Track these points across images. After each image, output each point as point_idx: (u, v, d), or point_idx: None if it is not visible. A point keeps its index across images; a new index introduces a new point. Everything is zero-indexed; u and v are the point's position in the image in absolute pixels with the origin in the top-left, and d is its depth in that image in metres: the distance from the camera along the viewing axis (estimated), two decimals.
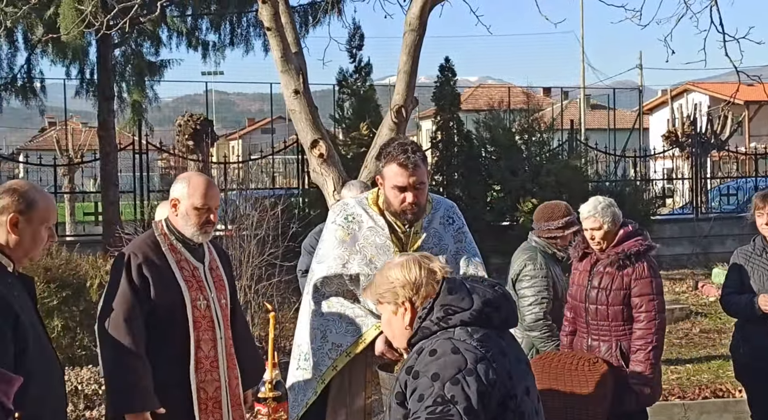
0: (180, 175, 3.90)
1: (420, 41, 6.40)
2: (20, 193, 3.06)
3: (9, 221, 3.02)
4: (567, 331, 4.98)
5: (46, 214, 3.10)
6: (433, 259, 2.61)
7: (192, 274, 3.71)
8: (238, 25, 15.63)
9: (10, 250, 3.04)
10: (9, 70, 15.50)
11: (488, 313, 2.46)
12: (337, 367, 3.39)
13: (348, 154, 12.67)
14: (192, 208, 3.65)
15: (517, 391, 2.38)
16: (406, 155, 3.46)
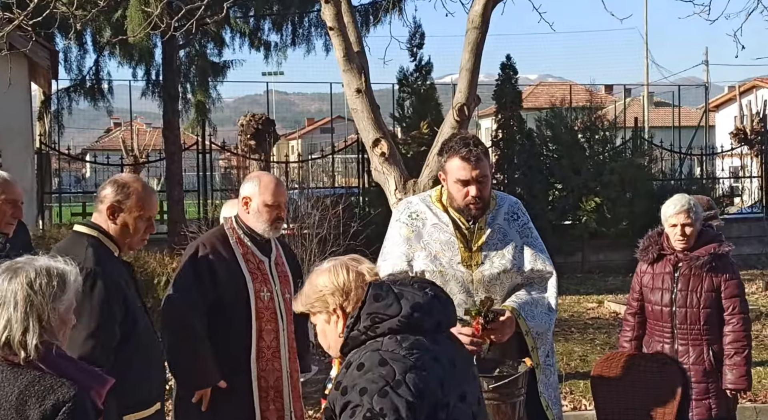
0: (250, 175, 4.08)
1: (483, 39, 6.36)
2: (120, 185, 3.28)
3: (107, 210, 3.23)
4: (631, 337, 4.81)
5: (144, 206, 3.28)
6: (361, 262, 2.52)
7: (257, 267, 3.87)
8: (300, 25, 15.76)
9: (113, 236, 3.25)
10: (78, 72, 15.93)
11: (418, 318, 2.33)
12: None
13: (408, 153, 12.67)
14: (263, 205, 3.86)
15: (449, 399, 2.27)
16: (469, 149, 3.46)
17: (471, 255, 3.52)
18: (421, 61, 13.96)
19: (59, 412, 2.24)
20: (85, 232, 3.27)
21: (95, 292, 3.08)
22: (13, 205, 3.70)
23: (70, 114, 17.18)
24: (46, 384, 2.27)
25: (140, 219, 3.28)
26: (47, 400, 2.25)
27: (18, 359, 2.29)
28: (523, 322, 3.45)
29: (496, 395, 3.07)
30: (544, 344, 3.56)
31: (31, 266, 2.36)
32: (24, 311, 2.29)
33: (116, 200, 3.25)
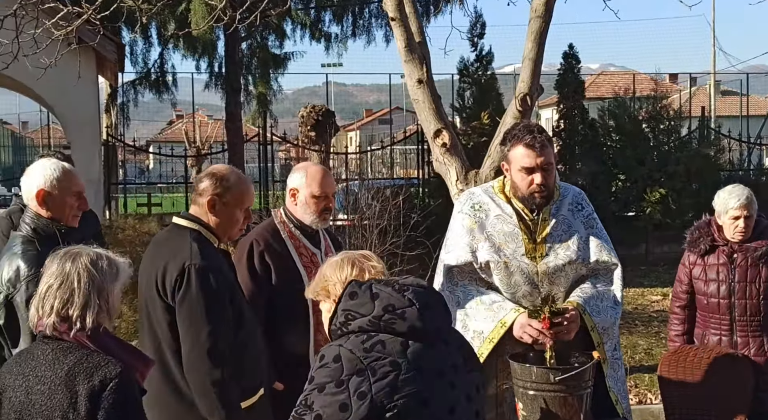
0: (296, 166, 4.10)
1: (546, 28, 6.28)
2: (218, 177, 3.33)
3: (207, 203, 3.29)
4: (682, 330, 4.70)
5: (242, 197, 3.35)
6: (370, 259, 2.57)
7: (310, 260, 3.86)
8: (360, 17, 15.82)
9: (213, 229, 3.31)
10: (144, 65, 16.24)
11: (388, 320, 2.35)
12: (482, 355, 3.35)
13: (468, 143, 12.60)
14: (311, 197, 3.85)
15: (403, 403, 2.27)
16: (533, 136, 3.41)
17: (535, 246, 3.47)
18: (481, 50, 13.85)
19: (106, 388, 2.35)
20: (186, 225, 3.32)
21: (209, 287, 3.14)
22: (78, 197, 3.75)
23: (136, 106, 17.56)
24: (93, 361, 2.40)
25: (239, 210, 3.35)
26: (95, 376, 2.37)
27: (69, 337, 2.43)
28: (588, 317, 3.40)
29: (562, 387, 3.04)
30: (611, 339, 3.50)
31: (89, 251, 2.52)
32: (87, 288, 2.44)
33: (215, 193, 3.30)
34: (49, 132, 34.53)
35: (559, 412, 3.04)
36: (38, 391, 2.39)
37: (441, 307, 2.49)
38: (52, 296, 2.45)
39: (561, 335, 3.24)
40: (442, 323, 2.48)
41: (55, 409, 2.36)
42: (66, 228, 3.59)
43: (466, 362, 2.50)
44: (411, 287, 2.43)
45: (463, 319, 3.45)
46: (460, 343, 2.57)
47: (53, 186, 3.58)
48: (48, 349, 2.44)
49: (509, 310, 3.37)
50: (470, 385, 2.49)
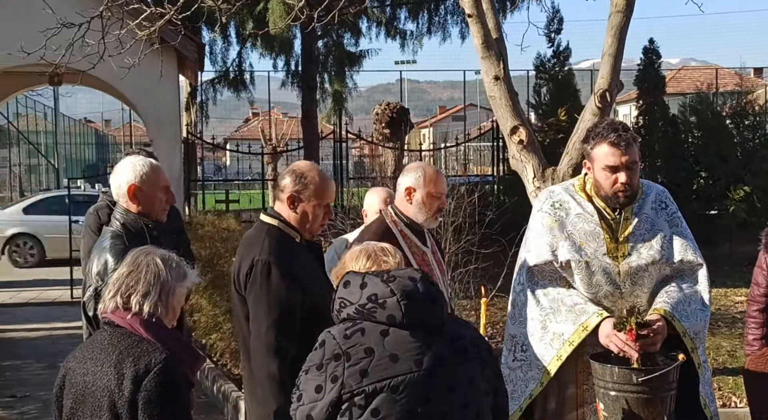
0: (410, 166, 4.08)
1: (627, 23, 6.17)
2: (298, 175, 3.41)
3: (288, 199, 3.37)
4: (759, 335, 4.47)
5: (321, 194, 3.41)
6: (387, 254, 2.66)
7: (422, 259, 3.88)
8: (436, 13, 15.77)
9: (293, 224, 3.40)
10: (222, 64, 16.53)
11: (370, 308, 2.48)
12: (561, 358, 3.32)
13: (545, 140, 12.46)
14: (428, 196, 3.88)
15: (372, 388, 2.41)
16: (618, 134, 3.34)
17: (617, 246, 3.41)
18: (558, 46, 13.70)
19: (149, 373, 2.48)
20: (267, 221, 3.41)
21: (271, 282, 3.21)
22: (165, 191, 3.83)
23: (215, 104, 17.89)
24: (143, 347, 2.54)
25: (318, 207, 3.40)
26: (141, 361, 2.51)
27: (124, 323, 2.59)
28: (678, 324, 3.30)
29: (645, 388, 2.98)
30: (702, 343, 3.40)
31: (164, 252, 2.71)
32: (152, 279, 2.61)
33: (295, 190, 3.37)
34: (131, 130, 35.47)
35: (642, 413, 2.99)
36: (92, 373, 2.56)
37: (428, 299, 2.52)
38: (120, 281, 2.64)
39: (647, 347, 3.15)
40: (429, 314, 2.52)
41: (104, 389, 2.51)
42: (153, 223, 3.69)
43: (457, 355, 2.54)
44: (398, 278, 2.52)
45: (543, 320, 3.40)
46: (457, 335, 2.58)
47: (143, 181, 3.68)
48: (106, 334, 2.62)
49: (592, 313, 3.30)
50: (456, 377, 2.52)
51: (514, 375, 3.50)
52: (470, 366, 2.57)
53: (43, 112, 32.44)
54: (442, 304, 2.58)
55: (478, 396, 2.57)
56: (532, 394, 3.42)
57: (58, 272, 13.62)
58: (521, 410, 3.45)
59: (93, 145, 43.00)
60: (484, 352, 2.63)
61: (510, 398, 3.45)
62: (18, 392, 7.50)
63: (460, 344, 2.57)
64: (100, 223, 5.35)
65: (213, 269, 8.29)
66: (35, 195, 19.35)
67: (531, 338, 3.45)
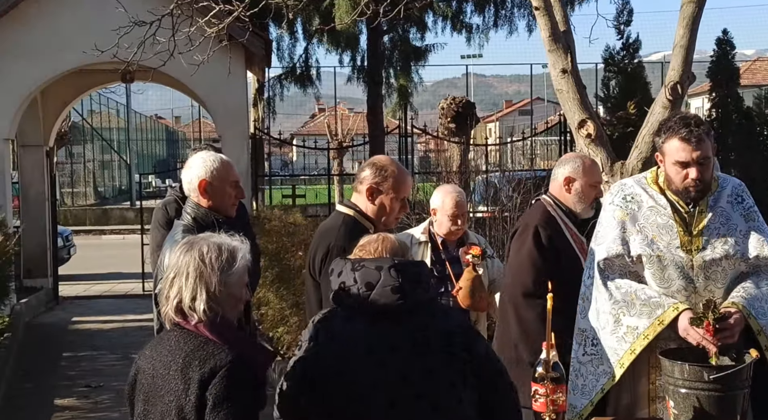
0: (566, 156, 4.26)
1: (699, 13, 6.04)
2: (379, 168, 3.51)
3: (366, 191, 3.48)
4: None
5: (399, 187, 3.50)
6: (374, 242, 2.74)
7: (582, 247, 3.96)
8: (503, 6, 15.65)
9: (369, 216, 3.50)
10: (289, 60, 16.68)
11: (340, 295, 2.62)
12: (635, 351, 3.27)
13: (614, 134, 12.26)
14: (588, 186, 4.02)
15: (320, 371, 2.57)
16: (689, 129, 3.28)
17: (691, 239, 3.33)
18: (628, 38, 13.42)
19: (215, 376, 2.43)
20: (344, 211, 3.54)
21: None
22: (235, 186, 3.90)
23: (282, 100, 18.07)
24: (208, 349, 2.49)
25: (395, 200, 3.49)
26: (207, 363, 2.46)
27: (189, 325, 2.54)
28: (754, 321, 3.22)
29: (717, 386, 2.91)
30: None
31: (206, 242, 2.61)
32: (194, 280, 2.55)
33: (375, 182, 3.48)
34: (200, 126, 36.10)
35: (713, 412, 2.92)
36: (161, 375, 2.52)
37: (390, 289, 2.55)
38: (169, 287, 2.59)
39: (726, 339, 3.10)
40: (389, 303, 2.55)
41: (171, 392, 2.47)
42: (224, 217, 3.76)
43: (416, 345, 2.55)
44: (365, 267, 2.59)
45: (616, 313, 3.35)
46: (421, 326, 2.59)
47: (213, 176, 3.76)
48: (173, 336, 2.58)
49: (667, 307, 3.24)
50: (410, 367, 2.53)
51: (585, 369, 3.46)
52: (432, 358, 2.57)
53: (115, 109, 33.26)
54: (405, 294, 2.57)
55: (437, 388, 2.56)
56: (603, 388, 3.38)
57: (130, 266, 13.96)
58: (592, 405, 3.41)
59: (163, 141, 43.88)
60: (458, 346, 2.60)
61: (581, 393, 3.44)
62: (92, 382, 7.72)
63: (423, 335, 2.58)
64: (169, 218, 5.46)
65: (279, 263, 8.38)
66: None
67: (602, 332, 3.40)
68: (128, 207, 26.58)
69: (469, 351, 2.63)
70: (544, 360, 3.04)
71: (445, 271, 4.51)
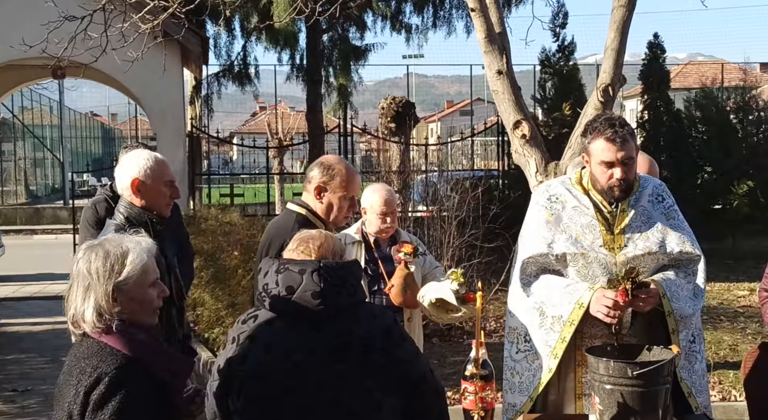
0: None
1: (629, 17, 6.16)
2: (326, 166, 3.55)
3: (314, 190, 3.52)
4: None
5: (347, 187, 3.53)
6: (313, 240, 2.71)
7: None
8: (441, 7, 15.74)
9: (318, 214, 3.53)
10: (227, 58, 16.51)
11: (262, 297, 2.61)
12: (565, 339, 3.35)
13: (549, 135, 12.46)
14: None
15: (242, 373, 2.55)
16: (614, 130, 3.35)
17: (613, 238, 3.42)
18: (563, 41, 13.67)
19: (99, 382, 2.36)
20: (295, 209, 3.58)
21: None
22: (170, 186, 3.83)
23: (219, 98, 17.88)
24: (101, 356, 2.42)
25: (343, 199, 3.54)
26: (96, 370, 2.39)
27: (93, 333, 2.47)
28: (667, 302, 3.34)
29: (640, 382, 2.98)
30: (687, 328, 3.42)
31: (94, 250, 2.53)
32: (83, 291, 2.49)
33: (322, 181, 3.52)
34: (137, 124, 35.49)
35: (637, 407, 2.98)
36: (61, 382, 2.48)
37: (311, 293, 2.54)
38: (66, 300, 2.53)
39: (636, 306, 3.21)
40: (309, 307, 2.54)
41: (65, 399, 2.41)
42: (157, 217, 3.70)
43: (335, 351, 2.53)
44: (289, 270, 2.58)
45: (540, 308, 3.42)
46: (343, 331, 2.56)
47: (147, 175, 3.68)
48: (79, 343, 2.52)
49: (585, 289, 3.33)
50: (328, 372, 2.52)
51: (520, 366, 3.51)
52: (349, 364, 2.53)
53: (48, 105, 32.49)
54: (326, 299, 2.54)
55: (355, 395, 2.53)
56: (541, 382, 3.43)
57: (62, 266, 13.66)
58: (532, 400, 3.46)
59: (99, 139, 43.05)
60: (377, 351, 2.56)
61: (518, 390, 3.48)
62: (20, 386, 7.53)
63: (343, 340, 2.55)
64: (98, 217, 5.36)
65: (215, 263, 8.30)
66: None
67: (531, 327, 3.47)
68: (61, 206, 25.98)
69: (390, 356, 2.57)
70: (473, 358, 3.07)
71: (378, 270, 4.51)
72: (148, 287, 2.57)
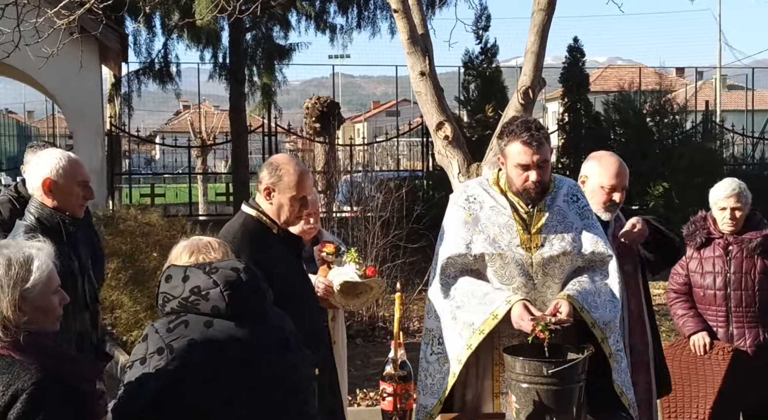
0: (591, 155, 4.17)
1: (549, 21, 6.27)
2: (274, 167, 3.51)
3: (264, 191, 3.51)
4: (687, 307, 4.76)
5: (296, 187, 3.48)
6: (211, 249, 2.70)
7: None
8: (365, 8, 15.75)
9: (269, 216, 3.50)
10: (147, 55, 16.18)
11: (194, 301, 2.52)
12: (471, 346, 3.36)
13: (473, 136, 12.59)
14: (599, 187, 3.97)
15: (190, 378, 2.44)
16: (530, 133, 3.40)
17: (530, 237, 3.46)
18: (486, 43, 13.83)
19: (17, 400, 2.22)
20: (247, 211, 3.55)
21: None
22: (83, 186, 3.74)
23: (140, 96, 17.50)
24: (13, 372, 2.27)
25: (294, 199, 3.48)
26: (10, 388, 2.24)
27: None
28: (587, 315, 3.37)
29: (555, 380, 3.03)
30: (613, 332, 3.47)
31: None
32: None
33: (270, 182, 3.48)
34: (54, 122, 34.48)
35: (552, 405, 3.04)
36: None
37: (251, 289, 2.57)
38: None
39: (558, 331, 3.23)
40: (252, 305, 2.57)
41: None
42: (70, 218, 3.59)
43: (280, 344, 2.59)
44: (221, 269, 2.55)
45: (453, 311, 3.43)
46: (278, 325, 2.64)
47: (59, 175, 3.58)
48: None
49: (501, 302, 3.35)
50: (281, 365, 2.57)
51: (432, 368, 3.53)
52: (294, 355, 2.62)
53: None
54: (264, 295, 2.62)
55: (303, 384, 2.63)
56: (448, 386, 3.45)
57: None
58: (441, 403, 3.48)
59: (14, 137, 41.74)
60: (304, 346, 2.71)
61: (430, 392, 3.50)
62: None
63: (282, 335, 2.62)
64: (1, 218, 5.18)
65: (133, 265, 8.12)
66: None
67: (445, 330, 3.49)
68: None
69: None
70: (391, 358, 3.07)
71: None
72: (51, 294, 2.45)
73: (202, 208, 20.46)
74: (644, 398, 3.91)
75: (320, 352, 3.62)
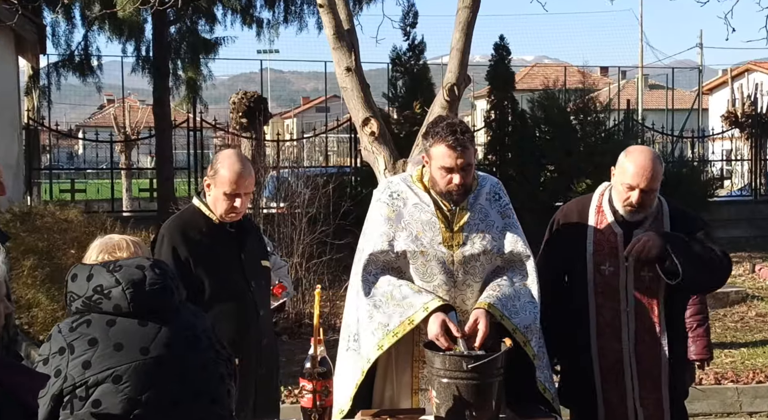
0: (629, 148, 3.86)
1: (473, 18, 6.31)
2: (214, 162, 3.66)
3: (206, 184, 3.66)
4: None
5: (223, 182, 3.56)
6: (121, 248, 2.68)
7: (606, 239, 3.78)
8: (292, 3, 15.62)
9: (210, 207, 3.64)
10: (67, 47, 15.72)
11: (96, 299, 2.51)
12: (382, 347, 3.33)
13: (401, 132, 12.62)
14: (620, 183, 3.72)
15: (95, 379, 2.42)
16: (455, 137, 3.38)
17: (452, 235, 3.46)
18: (414, 40, 13.86)
19: None
20: (194, 203, 3.71)
21: (161, 252, 3.53)
22: None
23: (59, 89, 17.03)
24: None
25: (225, 195, 3.57)
26: None
27: None
28: (508, 321, 3.36)
29: (474, 375, 3.05)
30: (535, 335, 3.48)
31: None
32: None
33: (209, 175, 3.62)
34: None
35: (472, 399, 3.05)
36: None
37: (156, 287, 2.55)
38: None
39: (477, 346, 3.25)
40: (157, 303, 2.55)
41: None
42: None
43: (189, 342, 2.58)
44: (125, 267, 2.54)
45: (370, 310, 3.40)
46: (188, 323, 2.62)
47: None
48: None
49: (419, 308, 3.32)
50: (187, 364, 2.55)
51: (347, 364, 3.51)
52: (204, 354, 2.60)
53: None
54: (172, 292, 2.59)
55: (213, 383, 2.60)
56: (357, 383, 3.43)
57: None
58: (351, 399, 3.45)
59: None
60: (218, 344, 2.69)
61: (344, 388, 3.47)
62: None
63: (192, 333, 2.60)
64: None
65: (51, 262, 7.90)
66: None
67: (360, 327, 3.46)
68: None
69: (223, 347, 2.70)
70: (311, 355, 3.04)
71: None
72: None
73: (126, 204, 20.05)
74: (653, 414, 3.74)
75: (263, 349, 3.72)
